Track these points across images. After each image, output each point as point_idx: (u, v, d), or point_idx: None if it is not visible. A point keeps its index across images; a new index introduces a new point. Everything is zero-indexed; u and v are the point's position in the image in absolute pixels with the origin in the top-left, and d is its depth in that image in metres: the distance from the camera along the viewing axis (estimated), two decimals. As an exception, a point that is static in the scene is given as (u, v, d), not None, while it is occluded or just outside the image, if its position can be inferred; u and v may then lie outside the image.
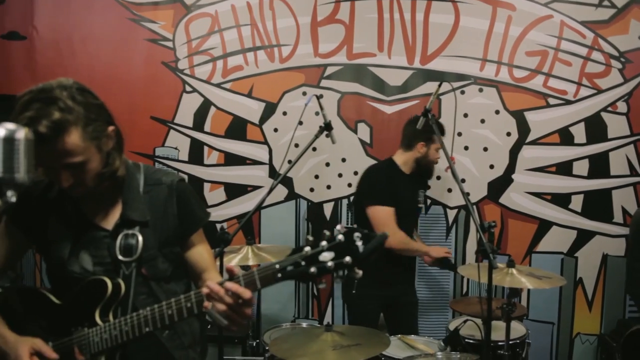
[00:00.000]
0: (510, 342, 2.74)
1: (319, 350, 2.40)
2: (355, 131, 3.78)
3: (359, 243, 1.13)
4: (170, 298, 1.52)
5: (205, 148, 3.88)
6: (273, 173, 3.83)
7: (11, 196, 1.17)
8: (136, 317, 1.39)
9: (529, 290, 3.66)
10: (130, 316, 1.40)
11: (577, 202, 3.65)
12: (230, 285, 1.26)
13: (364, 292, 3.14)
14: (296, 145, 3.78)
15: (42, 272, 3.88)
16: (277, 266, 1.20)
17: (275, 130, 3.83)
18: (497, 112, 3.67)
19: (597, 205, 3.63)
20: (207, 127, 3.87)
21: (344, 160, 3.81)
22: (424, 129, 2.80)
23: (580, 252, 3.67)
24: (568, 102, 3.61)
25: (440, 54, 3.68)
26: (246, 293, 1.26)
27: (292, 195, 3.84)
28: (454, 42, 3.65)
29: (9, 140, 1.16)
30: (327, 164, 3.82)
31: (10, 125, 1.17)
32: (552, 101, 3.62)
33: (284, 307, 3.88)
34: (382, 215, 3.09)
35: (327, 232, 1.18)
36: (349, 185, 3.81)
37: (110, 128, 1.48)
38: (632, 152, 3.60)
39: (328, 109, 3.29)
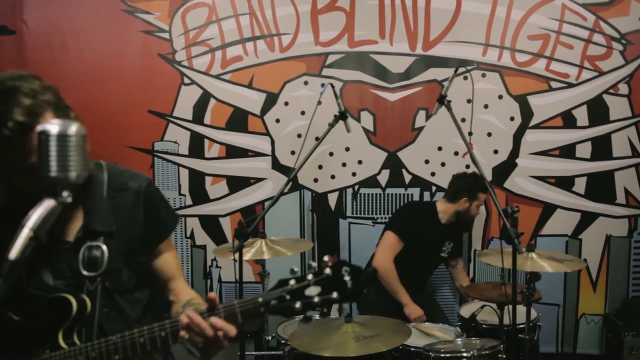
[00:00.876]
0: (523, 326, 2.76)
1: (341, 342, 2.39)
2: (358, 120, 3.75)
3: (347, 278, 1.08)
4: (135, 307, 1.45)
5: (206, 141, 3.81)
6: (276, 164, 3.79)
7: (67, 197, 1.11)
8: (105, 344, 1.26)
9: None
10: (98, 342, 1.27)
11: (580, 185, 3.68)
12: (216, 320, 1.17)
13: (377, 291, 3.17)
14: (299, 136, 3.75)
15: None
16: (260, 300, 1.14)
17: (277, 121, 3.78)
18: (500, 97, 3.67)
19: (600, 187, 3.67)
20: (207, 120, 3.80)
21: (347, 149, 3.78)
22: (469, 183, 3.24)
23: (584, 234, 3.71)
24: (570, 85, 3.62)
25: (443, 39, 3.65)
26: (232, 330, 1.17)
27: (296, 186, 3.81)
28: (455, 28, 3.63)
29: (62, 137, 1.09)
30: (331, 154, 3.79)
31: (61, 121, 1.11)
32: (554, 85, 3.63)
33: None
34: (389, 242, 3.25)
35: (313, 264, 1.13)
36: (353, 174, 3.79)
37: (73, 114, 1.31)
38: (633, 134, 3.63)
39: (331, 98, 3.25)
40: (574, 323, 3.77)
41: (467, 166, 3.73)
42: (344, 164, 3.79)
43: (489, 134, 3.69)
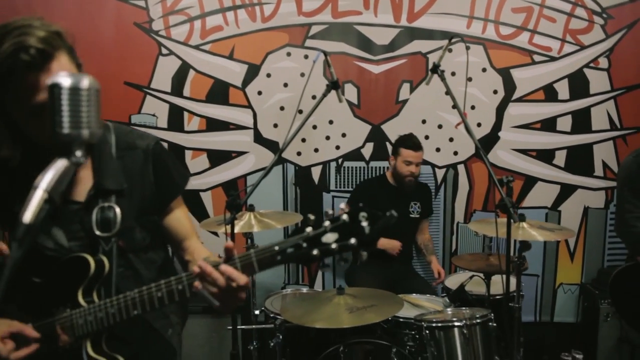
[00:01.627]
0: (507, 295, 2.80)
1: (333, 313, 2.39)
2: (342, 92, 3.68)
3: (365, 223, 1.04)
4: (150, 268, 1.45)
5: (185, 114, 3.70)
6: (258, 137, 3.72)
7: (81, 156, 1.04)
8: (123, 300, 1.26)
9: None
10: (117, 298, 1.27)
11: (560, 158, 3.74)
12: (225, 268, 1.15)
13: (364, 269, 3.21)
14: (281, 109, 3.68)
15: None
16: (277, 248, 1.11)
17: (259, 93, 3.69)
18: (484, 69, 3.67)
19: (579, 160, 3.73)
20: (186, 92, 3.68)
21: (331, 122, 3.74)
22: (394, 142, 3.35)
23: (563, 206, 3.78)
24: (552, 59, 3.65)
25: (427, 11, 3.62)
26: (242, 278, 1.15)
27: (279, 160, 3.74)
28: (440, 0, 3.59)
29: (75, 90, 1.01)
30: (315, 127, 3.74)
31: (73, 74, 1.03)
32: (537, 58, 3.65)
33: (273, 273, 3.83)
34: None
35: (330, 212, 1.10)
36: (337, 147, 3.75)
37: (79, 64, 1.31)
38: (612, 107, 3.69)
39: (316, 69, 3.19)
40: (552, 292, 3.87)
41: (451, 139, 3.75)
42: (327, 137, 3.74)
43: (473, 107, 3.69)
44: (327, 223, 1.07)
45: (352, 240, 1.04)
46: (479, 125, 3.71)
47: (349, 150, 3.75)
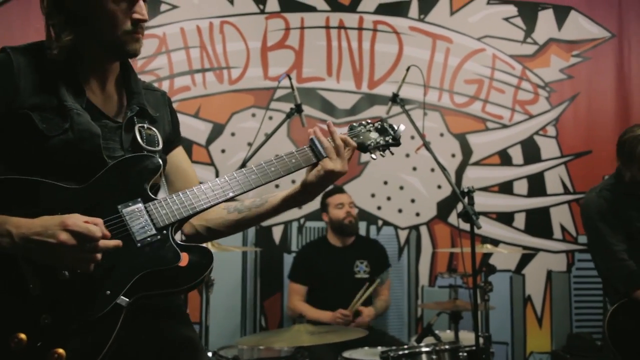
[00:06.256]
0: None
1: (294, 336, 2.20)
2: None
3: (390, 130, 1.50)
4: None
5: (146, 170, 3.65)
6: (219, 195, 3.65)
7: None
8: (223, 180, 1.30)
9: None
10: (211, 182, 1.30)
11: (520, 220, 3.79)
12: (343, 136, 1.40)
13: None
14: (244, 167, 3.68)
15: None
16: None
17: (223, 151, 3.72)
18: (442, 134, 3.83)
19: (538, 222, 3.79)
20: (149, 148, 3.67)
21: (293, 182, 3.73)
22: None
23: (526, 269, 3.75)
24: (504, 126, 3.86)
25: (387, 79, 3.85)
26: (351, 141, 1.40)
27: (240, 219, 3.65)
28: (398, 69, 3.84)
29: None
30: (277, 186, 3.71)
31: None
32: (490, 125, 3.86)
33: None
34: (290, 290, 3.41)
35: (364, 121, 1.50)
36: (299, 207, 3.71)
37: None
38: (563, 172, 3.86)
39: (277, 131, 3.26)
40: (523, 362, 3.68)
41: (413, 200, 3.78)
42: (290, 197, 3.71)
43: (432, 170, 3.78)
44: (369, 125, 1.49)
45: (388, 138, 1.48)
46: (439, 187, 3.78)
47: (311, 210, 3.72)
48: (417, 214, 3.76)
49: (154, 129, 1.35)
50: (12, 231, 1.08)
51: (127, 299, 1.13)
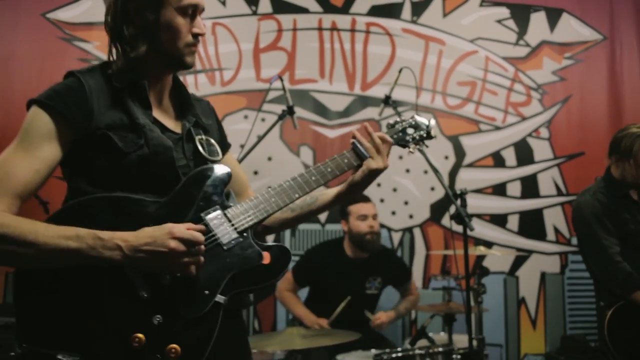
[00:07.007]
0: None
1: (287, 340, 2.17)
2: (297, 154, 3.73)
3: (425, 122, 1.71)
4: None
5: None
6: (212, 198, 3.62)
7: None
8: (287, 183, 1.41)
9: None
10: (278, 185, 1.40)
11: (513, 222, 3.78)
12: (380, 133, 1.51)
13: None
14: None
15: None
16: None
17: (215, 153, 3.68)
18: (435, 137, 3.81)
19: (532, 224, 3.78)
20: (140, 151, 3.63)
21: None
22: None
23: (520, 272, 3.74)
24: (497, 128, 3.86)
25: (379, 81, 3.84)
26: (388, 137, 1.52)
27: (232, 222, 3.62)
28: (391, 71, 3.83)
29: None
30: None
31: None
32: (483, 127, 3.85)
33: None
34: (285, 277, 2.94)
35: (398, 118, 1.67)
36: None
37: None
38: (556, 174, 3.85)
39: (270, 133, 3.25)
40: (518, 365, 3.67)
41: (406, 202, 3.77)
42: (282, 199, 3.69)
43: (425, 172, 3.77)
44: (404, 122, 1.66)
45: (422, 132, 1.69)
46: (432, 189, 3.77)
47: (304, 212, 3.69)
48: (411, 216, 3.75)
49: (211, 139, 1.45)
50: (121, 245, 1.17)
51: (224, 297, 1.26)
